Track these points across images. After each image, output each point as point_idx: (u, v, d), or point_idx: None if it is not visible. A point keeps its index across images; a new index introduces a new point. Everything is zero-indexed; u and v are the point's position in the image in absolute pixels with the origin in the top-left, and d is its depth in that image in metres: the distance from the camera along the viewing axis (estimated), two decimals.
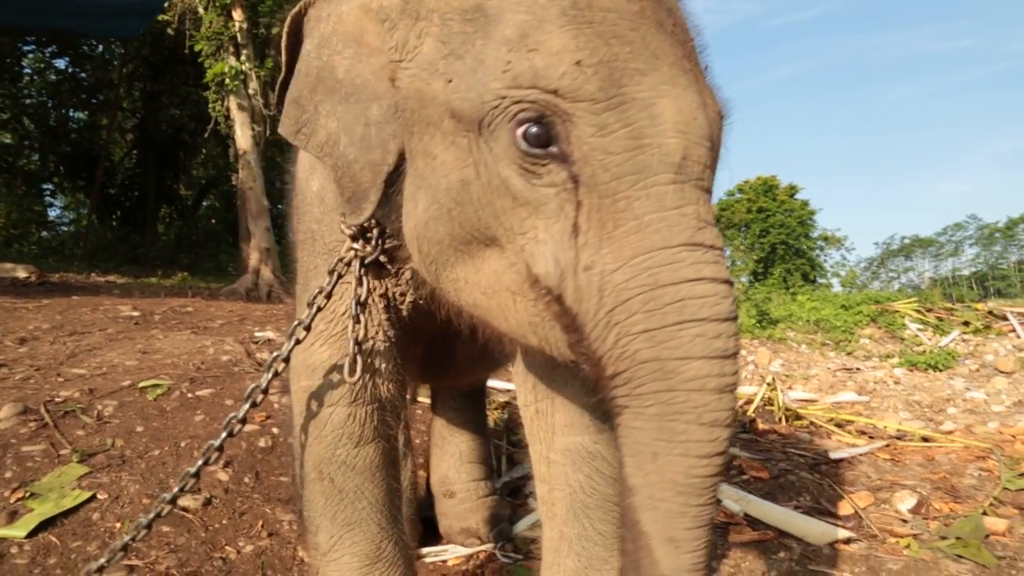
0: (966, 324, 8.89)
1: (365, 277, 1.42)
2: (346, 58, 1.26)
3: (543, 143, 0.98)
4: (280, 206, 10.55)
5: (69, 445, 2.65)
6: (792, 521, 2.61)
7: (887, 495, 2.96)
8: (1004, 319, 9.05)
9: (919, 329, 9.00)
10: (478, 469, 2.76)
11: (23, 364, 3.62)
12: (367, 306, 1.47)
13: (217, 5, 9.75)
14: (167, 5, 10.31)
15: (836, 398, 5.53)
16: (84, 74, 16.25)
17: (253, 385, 1.46)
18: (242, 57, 9.83)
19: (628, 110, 0.95)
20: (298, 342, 1.44)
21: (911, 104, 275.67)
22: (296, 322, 1.44)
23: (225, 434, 1.47)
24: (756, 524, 2.65)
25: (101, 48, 16.06)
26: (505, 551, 2.58)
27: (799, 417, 4.50)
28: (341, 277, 1.42)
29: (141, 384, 3.34)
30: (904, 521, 2.72)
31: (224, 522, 2.41)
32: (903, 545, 2.47)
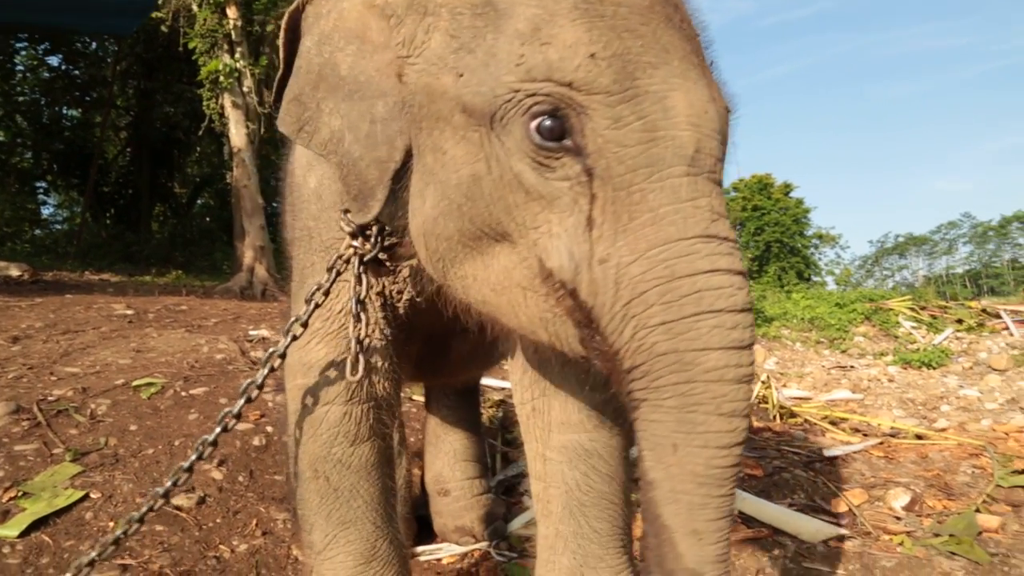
0: (960, 322, 8.94)
1: (364, 275, 1.41)
2: (349, 55, 1.24)
3: (557, 136, 0.98)
4: (275, 204, 10.52)
5: (62, 444, 2.64)
6: (786, 519, 2.62)
7: (881, 492, 2.97)
8: (997, 317, 9.11)
9: (913, 327, 9.05)
10: (472, 467, 2.76)
11: (16, 363, 3.61)
12: (365, 304, 1.46)
13: (211, 2, 9.71)
14: (161, 2, 10.26)
15: (830, 396, 5.56)
16: (77, 71, 16.21)
17: (249, 380, 1.45)
18: (236, 55, 9.80)
19: (642, 103, 0.95)
20: (295, 338, 1.44)
21: (906, 102, 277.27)
22: (294, 318, 1.43)
23: (219, 428, 1.46)
24: (750, 522, 2.65)
25: (95, 45, 16.02)
26: (500, 549, 2.57)
27: (793, 415, 4.51)
28: (340, 274, 1.41)
29: (135, 383, 3.32)
30: (898, 518, 2.72)
31: (218, 521, 2.40)
32: (897, 542, 2.48)
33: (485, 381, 3.93)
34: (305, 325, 1.43)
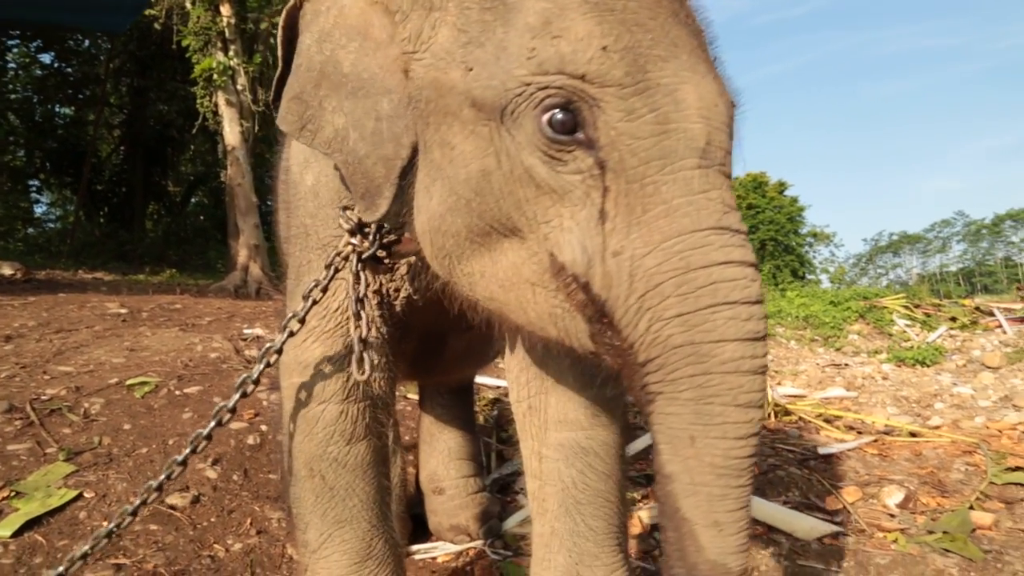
0: (953, 320, 8.98)
1: (363, 273, 1.40)
2: (351, 52, 1.23)
3: (569, 129, 0.97)
4: (269, 202, 10.48)
5: (55, 443, 2.63)
6: (781, 516, 2.62)
7: (875, 490, 2.97)
8: (991, 315, 9.15)
9: (907, 325, 9.08)
10: (467, 466, 2.76)
11: (9, 362, 3.59)
12: (364, 302, 1.46)
13: (205, 0, 9.67)
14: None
15: (825, 394, 5.56)
16: (70, 69, 16.10)
17: (244, 375, 1.44)
18: (230, 52, 9.75)
19: (654, 95, 0.95)
20: (292, 334, 1.43)
21: (900, 101, 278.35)
22: (290, 314, 1.42)
23: (214, 422, 1.45)
24: None
25: (87, 43, 15.92)
26: (495, 548, 2.57)
27: (788, 413, 4.52)
28: (338, 271, 1.40)
29: (128, 382, 3.31)
30: (892, 516, 2.73)
31: (212, 520, 2.40)
32: (891, 540, 2.49)
33: (480, 379, 3.93)
34: (303, 321, 1.42)
